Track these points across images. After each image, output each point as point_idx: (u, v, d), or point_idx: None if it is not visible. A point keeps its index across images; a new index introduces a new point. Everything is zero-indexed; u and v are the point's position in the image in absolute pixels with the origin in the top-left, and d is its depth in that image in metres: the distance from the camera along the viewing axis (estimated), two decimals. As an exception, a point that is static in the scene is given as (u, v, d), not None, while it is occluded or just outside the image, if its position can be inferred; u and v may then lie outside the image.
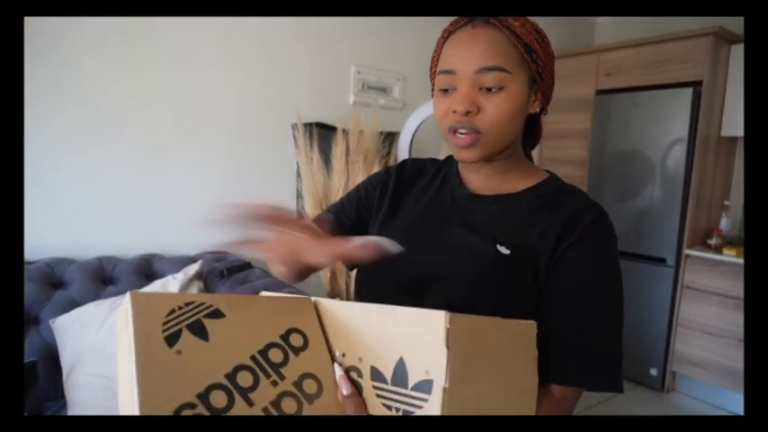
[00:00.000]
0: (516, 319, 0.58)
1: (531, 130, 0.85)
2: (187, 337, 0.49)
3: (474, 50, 0.70)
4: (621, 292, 0.72)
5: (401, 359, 0.51)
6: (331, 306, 0.59)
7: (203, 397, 0.46)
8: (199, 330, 0.50)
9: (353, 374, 0.56)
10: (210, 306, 0.52)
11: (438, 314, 0.48)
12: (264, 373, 0.51)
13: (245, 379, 0.50)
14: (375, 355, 0.54)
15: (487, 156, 0.74)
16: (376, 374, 0.54)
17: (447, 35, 0.76)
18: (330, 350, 0.58)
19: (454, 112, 0.71)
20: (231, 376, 0.49)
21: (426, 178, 0.88)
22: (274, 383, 0.51)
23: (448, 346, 0.47)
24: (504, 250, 0.72)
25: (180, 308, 0.50)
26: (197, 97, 2.15)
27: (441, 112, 0.74)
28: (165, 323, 0.49)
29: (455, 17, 0.77)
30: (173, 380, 0.46)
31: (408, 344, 0.51)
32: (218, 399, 0.47)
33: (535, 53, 0.71)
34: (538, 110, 0.77)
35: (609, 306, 0.70)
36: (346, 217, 0.90)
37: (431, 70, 0.80)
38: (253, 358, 0.52)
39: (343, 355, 0.57)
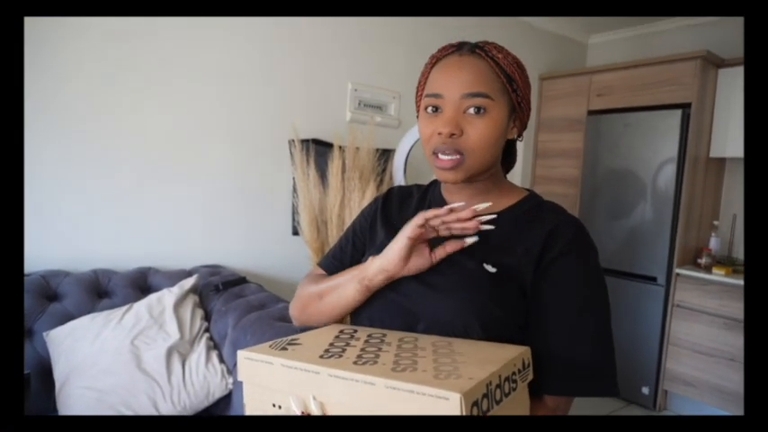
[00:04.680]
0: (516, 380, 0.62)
1: (507, 155, 0.89)
2: (291, 347, 0.69)
3: (461, 77, 0.75)
4: (606, 299, 0.75)
5: None
6: (340, 386, 0.60)
7: (326, 351, 0.66)
8: (293, 343, 0.71)
9: None
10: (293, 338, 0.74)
11: (453, 397, 0.50)
12: (349, 340, 0.71)
13: (340, 344, 0.69)
14: None
15: (470, 177, 0.78)
16: None
17: (435, 61, 0.80)
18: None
19: (439, 134, 0.75)
20: (331, 345, 0.69)
21: (413, 203, 0.92)
22: (357, 340, 0.71)
23: None
24: (490, 269, 0.74)
25: (277, 343, 0.71)
26: (194, 113, 2.18)
27: (426, 134, 0.78)
28: (272, 345, 0.70)
29: (445, 45, 0.81)
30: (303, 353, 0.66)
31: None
32: (335, 350, 0.67)
33: (515, 83, 0.76)
34: (515, 136, 0.81)
35: (594, 314, 0.73)
36: (345, 255, 0.96)
37: (417, 94, 0.84)
38: (335, 338, 0.72)
39: None
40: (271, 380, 0.64)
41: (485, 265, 0.74)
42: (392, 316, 0.79)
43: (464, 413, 0.50)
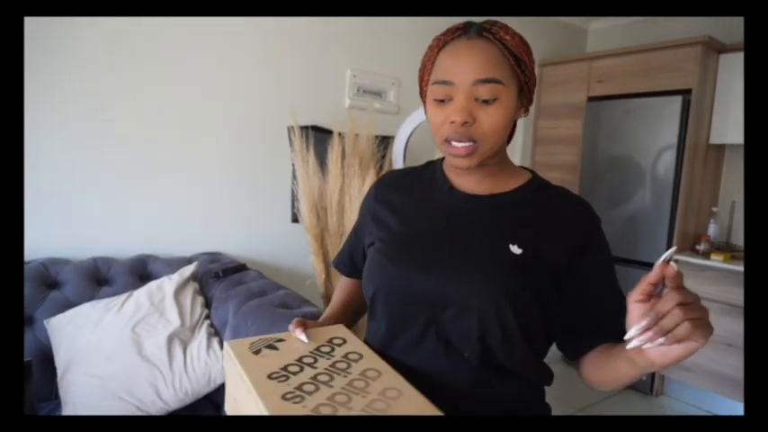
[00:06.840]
0: None
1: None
2: (266, 351, 0.80)
3: (471, 63, 0.73)
4: None
5: None
6: None
7: (284, 368, 0.74)
8: (272, 347, 0.81)
9: None
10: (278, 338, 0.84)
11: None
12: (320, 357, 0.78)
13: (308, 360, 0.76)
14: None
15: (482, 162, 0.77)
16: None
17: (442, 45, 0.77)
18: None
19: (452, 122, 0.73)
20: (299, 359, 0.76)
21: (412, 186, 0.90)
22: (328, 359, 0.77)
23: None
24: (515, 249, 0.75)
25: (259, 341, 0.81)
26: (193, 100, 2.16)
27: (437, 122, 0.76)
28: (251, 345, 0.80)
29: (450, 27, 0.79)
30: (265, 364, 0.75)
31: None
32: (294, 369, 0.74)
33: (524, 64, 0.76)
34: (522, 116, 0.82)
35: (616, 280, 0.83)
36: (358, 254, 0.98)
37: (421, 77, 0.81)
38: (310, 353, 0.79)
39: None
40: (233, 377, 0.78)
41: (510, 246, 0.75)
42: (415, 305, 0.77)
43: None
